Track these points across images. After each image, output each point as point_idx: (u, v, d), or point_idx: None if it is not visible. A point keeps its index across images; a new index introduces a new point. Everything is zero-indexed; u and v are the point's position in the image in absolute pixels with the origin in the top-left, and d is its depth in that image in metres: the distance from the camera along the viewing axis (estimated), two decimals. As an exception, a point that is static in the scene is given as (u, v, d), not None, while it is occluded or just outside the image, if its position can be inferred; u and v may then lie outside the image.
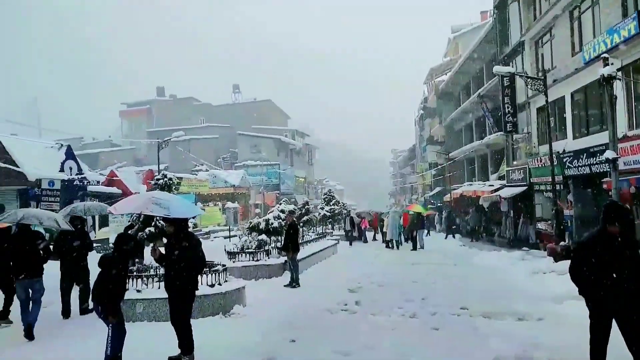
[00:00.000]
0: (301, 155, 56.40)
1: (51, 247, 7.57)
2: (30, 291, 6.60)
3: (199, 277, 7.40)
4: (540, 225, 19.20)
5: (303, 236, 16.28)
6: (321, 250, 15.57)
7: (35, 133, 43.31)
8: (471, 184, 30.67)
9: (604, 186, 13.40)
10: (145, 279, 7.51)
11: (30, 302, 6.58)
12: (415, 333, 6.40)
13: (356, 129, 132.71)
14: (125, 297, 5.79)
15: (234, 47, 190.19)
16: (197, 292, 6.74)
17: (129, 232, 8.91)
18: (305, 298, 9.11)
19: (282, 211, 13.24)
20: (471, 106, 30.23)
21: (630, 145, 12.23)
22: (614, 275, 4.02)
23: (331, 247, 17.71)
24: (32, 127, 44.66)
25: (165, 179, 8.54)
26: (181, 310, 5.25)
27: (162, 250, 5.52)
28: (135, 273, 7.78)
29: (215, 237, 25.71)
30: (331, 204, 24.52)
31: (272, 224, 12.62)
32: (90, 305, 6.92)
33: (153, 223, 8.08)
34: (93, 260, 6.12)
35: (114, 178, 23.40)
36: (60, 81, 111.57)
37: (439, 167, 40.08)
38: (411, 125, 65.13)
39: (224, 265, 8.53)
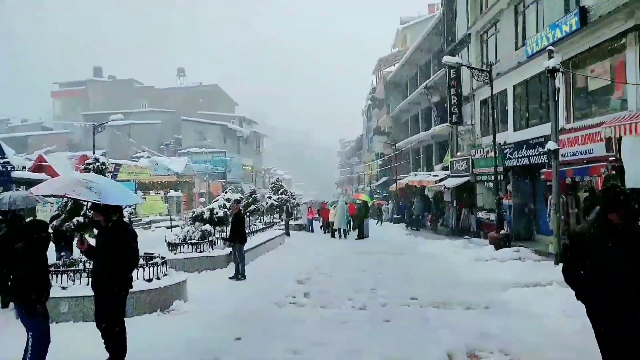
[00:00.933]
0: (249, 143, 55.27)
1: None
2: None
3: (135, 272, 6.82)
4: (481, 215, 19.89)
5: (250, 226, 15.80)
6: (268, 241, 15.16)
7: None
8: (416, 174, 31.34)
9: (542, 177, 13.97)
10: (71, 274, 6.78)
11: None
12: (366, 326, 6.21)
13: (305, 118, 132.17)
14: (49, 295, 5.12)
15: (179, 29, 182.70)
16: (132, 288, 6.18)
17: (54, 222, 8.09)
18: (252, 291, 8.71)
19: (228, 200, 12.67)
20: (418, 97, 30.75)
21: (567, 137, 12.75)
22: (620, 277, 3.14)
23: (279, 237, 17.34)
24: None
25: (98, 164, 7.76)
26: (107, 314, 4.64)
27: (93, 242, 4.91)
28: (61, 268, 7.03)
29: (157, 227, 24.55)
30: (279, 192, 24.09)
31: (217, 213, 12.04)
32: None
33: (83, 212, 7.32)
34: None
35: (43, 163, 21.57)
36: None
37: (386, 157, 40.67)
38: (359, 115, 65.77)
39: (163, 258, 7.94)
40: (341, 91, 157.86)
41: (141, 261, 8.00)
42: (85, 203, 7.51)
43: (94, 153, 23.56)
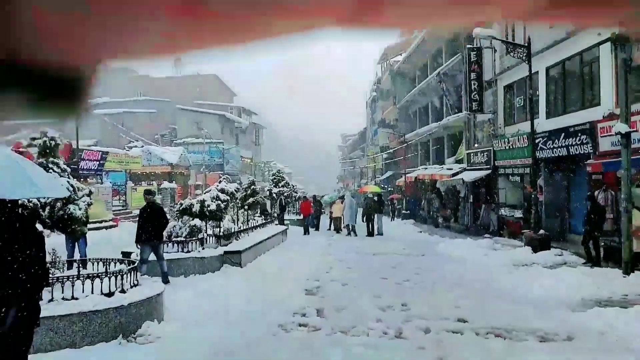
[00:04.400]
0: (247, 134, 53.26)
1: None
2: None
3: (90, 283, 4.96)
4: (504, 212, 18.03)
5: (248, 221, 13.89)
6: (269, 238, 13.25)
7: None
8: (426, 168, 29.46)
9: (588, 169, 12.07)
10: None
11: None
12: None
13: (305, 112, 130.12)
14: None
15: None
16: (83, 307, 4.33)
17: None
18: (250, 305, 6.80)
19: (222, 191, 10.76)
20: (428, 87, 28.82)
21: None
22: None
23: (280, 234, 15.43)
24: None
25: (46, 139, 5.86)
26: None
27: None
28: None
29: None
30: (280, 185, 22.17)
31: (208, 206, 10.12)
32: None
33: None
34: None
35: (21, 149, 19.55)
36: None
37: (391, 150, 38.76)
38: (361, 109, 63.77)
39: (131, 263, 6.03)
40: (342, 84, 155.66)
41: (99, 267, 6.09)
42: None
43: (77, 140, 21.61)
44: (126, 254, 9.75)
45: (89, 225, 18.86)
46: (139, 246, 8.13)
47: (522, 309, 6.55)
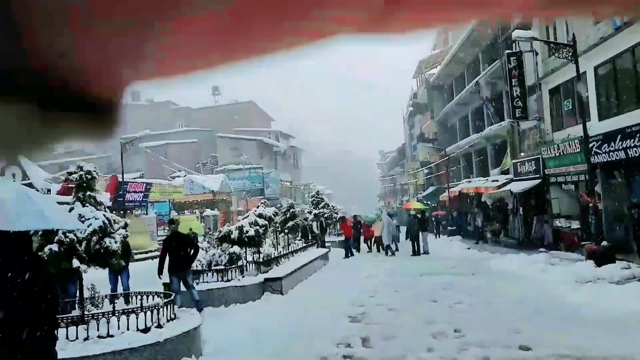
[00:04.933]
0: (286, 158, 53.69)
1: None
2: None
3: (124, 319, 4.80)
4: (559, 223, 16.89)
5: (289, 245, 13.64)
6: (309, 263, 12.92)
7: None
8: (470, 181, 28.41)
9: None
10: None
11: None
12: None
13: (341, 131, 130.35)
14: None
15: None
16: (117, 345, 4.16)
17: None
18: (292, 337, 6.45)
19: (260, 216, 10.59)
20: (467, 97, 28.04)
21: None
22: None
23: (321, 257, 15.06)
24: None
25: (82, 172, 5.86)
26: None
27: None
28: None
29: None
30: (320, 206, 21.89)
31: (247, 232, 9.96)
32: None
33: (57, 236, 5.39)
34: None
35: (70, 185, 20.38)
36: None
37: (432, 165, 37.82)
38: (398, 125, 63.03)
39: (167, 295, 5.86)
40: (377, 101, 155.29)
41: (133, 301, 5.95)
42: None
43: (122, 172, 22.35)
44: (168, 286, 9.73)
45: (136, 256, 19.19)
46: (160, 277, 8.03)
47: (594, 331, 5.84)
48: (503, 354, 5.17)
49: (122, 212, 21.09)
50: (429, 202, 38.76)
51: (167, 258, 8.09)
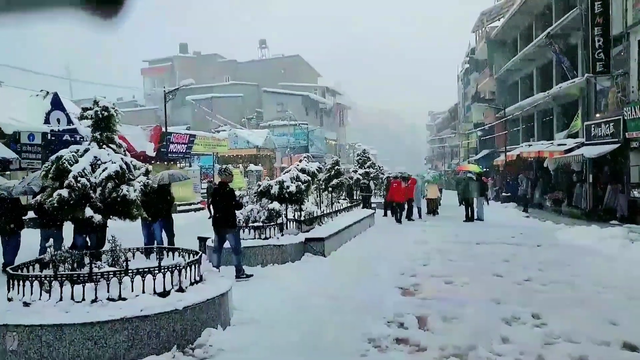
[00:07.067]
0: (332, 115, 52.27)
1: None
2: None
3: (139, 281, 4.05)
4: (637, 194, 14.94)
5: (333, 204, 12.73)
6: (355, 223, 11.98)
7: (66, 90, 40.34)
8: (530, 145, 26.17)
9: None
10: (49, 280, 4.11)
11: None
12: None
13: (391, 92, 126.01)
14: None
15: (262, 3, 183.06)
16: (128, 311, 3.45)
17: (37, 197, 5.62)
18: (334, 306, 5.58)
19: (303, 171, 9.65)
20: (533, 52, 25.34)
21: None
22: None
23: (367, 218, 14.10)
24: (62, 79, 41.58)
25: (97, 109, 5.04)
26: None
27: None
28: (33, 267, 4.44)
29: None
30: (366, 166, 20.74)
31: (288, 187, 9.07)
32: None
33: (67, 181, 4.61)
34: None
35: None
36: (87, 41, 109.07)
37: (487, 127, 35.36)
38: (450, 87, 59.53)
39: (196, 253, 5.08)
40: (428, 60, 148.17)
41: (149, 259, 5.22)
42: (71, 168, 4.83)
43: (165, 122, 21.99)
44: (203, 240, 9.10)
45: (179, 208, 18.93)
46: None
47: None
48: (603, 353, 4.04)
49: (165, 163, 20.88)
50: (481, 166, 36.61)
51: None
